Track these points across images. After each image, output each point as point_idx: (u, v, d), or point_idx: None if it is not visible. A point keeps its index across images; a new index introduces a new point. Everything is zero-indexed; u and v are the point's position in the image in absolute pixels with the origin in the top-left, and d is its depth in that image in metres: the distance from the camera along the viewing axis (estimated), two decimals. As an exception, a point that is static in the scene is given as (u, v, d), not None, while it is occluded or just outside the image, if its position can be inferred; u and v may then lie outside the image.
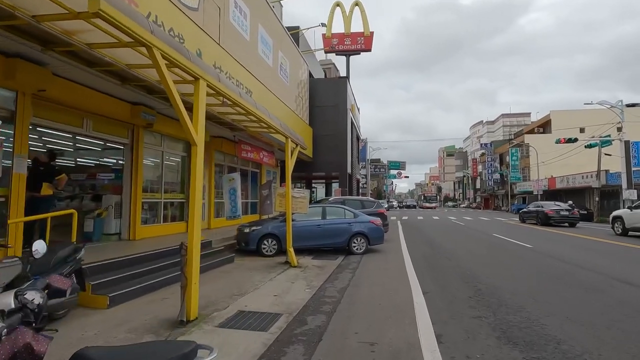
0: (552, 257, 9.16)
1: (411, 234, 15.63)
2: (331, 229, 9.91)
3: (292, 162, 8.95)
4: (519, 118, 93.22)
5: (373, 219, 10.47)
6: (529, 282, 6.44)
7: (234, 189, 10.88)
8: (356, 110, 26.79)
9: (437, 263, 8.46)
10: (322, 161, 20.03)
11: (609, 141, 25.28)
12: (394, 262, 8.66)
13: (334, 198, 13.46)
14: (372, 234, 10.17)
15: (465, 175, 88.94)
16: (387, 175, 66.77)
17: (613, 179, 28.22)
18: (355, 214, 10.34)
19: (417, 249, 10.78)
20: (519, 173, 49.08)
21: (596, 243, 12.34)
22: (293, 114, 16.27)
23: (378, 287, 6.19)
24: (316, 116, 20.34)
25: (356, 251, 9.98)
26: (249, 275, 7.12)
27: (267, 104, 11.13)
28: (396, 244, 11.95)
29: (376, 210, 12.87)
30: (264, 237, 9.45)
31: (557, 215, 19.78)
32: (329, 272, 7.62)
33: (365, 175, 45.34)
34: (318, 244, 9.84)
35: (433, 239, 13.62)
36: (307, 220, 9.89)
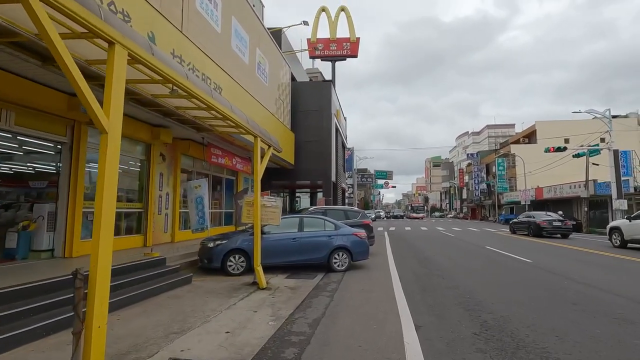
0: (558, 275, 8.12)
1: (399, 246, 14.50)
2: (309, 243, 8.69)
3: (263, 166, 7.75)
4: (503, 129, 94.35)
5: (357, 231, 9.30)
6: (544, 310, 5.32)
7: (201, 198, 9.58)
8: (342, 117, 25.83)
9: (429, 283, 7.31)
10: (305, 169, 18.87)
11: (597, 150, 24.91)
12: (380, 282, 7.46)
13: (315, 208, 12.28)
14: (355, 248, 8.98)
15: (451, 186, 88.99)
16: (374, 185, 66.02)
17: (602, 188, 27.88)
18: (336, 226, 9.15)
19: (406, 265, 9.63)
20: (506, 183, 48.89)
21: (599, 257, 11.42)
22: (272, 117, 15.13)
23: (360, 318, 4.97)
24: (299, 121, 19.25)
25: (337, 268, 8.76)
26: (203, 302, 5.81)
27: (241, 104, 9.95)
28: (383, 259, 10.77)
29: (361, 221, 11.71)
30: (230, 252, 8.15)
31: (549, 226, 18.99)
32: (302, 296, 6.37)
33: (351, 184, 44.37)
34: (294, 261, 8.59)
35: (423, 252, 12.51)
36: (282, 233, 8.65)
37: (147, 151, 9.66)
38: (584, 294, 6.20)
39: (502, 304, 5.60)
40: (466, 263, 9.96)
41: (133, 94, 6.39)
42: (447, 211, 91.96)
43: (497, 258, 10.97)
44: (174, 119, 8.28)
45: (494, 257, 11.11)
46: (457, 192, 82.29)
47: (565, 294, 6.25)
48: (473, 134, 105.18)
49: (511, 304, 5.55)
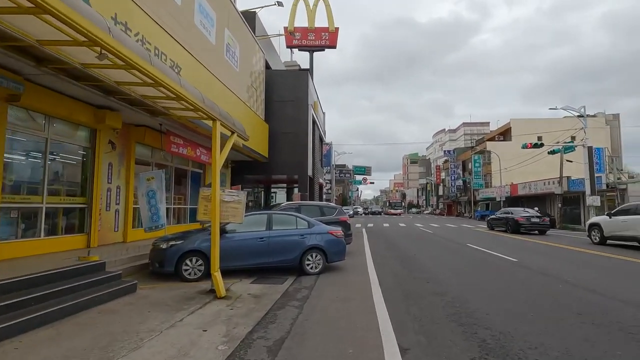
0: (550, 277, 7.49)
1: (378, 244, 13.72)
2: (279, 243, 7.70)
3: (224, 155, 6.67)
4: (478, 127, 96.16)
5: (333, 229, 8.38)
6: (547, 323, 4.56)
7: (153, 192, 8.38)
8: (320, 109, 24.86)
9: (413, 288, 6.48)
10: (280, 162, 17.81)
11: (572, 147, 25.10)
12: (358, 288, 6.57)
13: (287, 203, 11.27)
14: (331, 248, 8.07)
15: (428, 182, 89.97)
16: (352, 181, 65.60)
17: (575, 185, 28.24)
18: (310, 223, 8.20)
19: (386, 266, 8.80)
20: (481, 180, 49.46)
21: (585, 255, 11.02)
22: (244, 106, 13.97)
23: (333, 338, 4.04)
24: (274, 112, 18.13)
25: (310, 271, 7.82)
26: (142, 318, 4.72)
27: (206, 88, 8.78)
28: (361, 259, 9.92)
29: (338, 217, 10.82)
30: (187, 254, 7.04)
31: (527, 222, 18.78)
32: (266, 307, 5.39)
33: (329, 180, 43.58)
34: (261, 263, 7.58)
35: (403, 251, 11.76)
36: (247, 232, 7.61)
37: (91, 137, 8.35)
38: (586, 301, 5.52)
39: (498, 315, 4.81)
40: (450, 263, 9.25)
41: (56, 61, 5.17)
42: (423, 207, 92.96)
43: (481, 257, 10.34)
44: (118, 99, 7.05)
45: (478, 256, 10.48)
46: (433, 189, 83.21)
47: (565, 301, 5.55)
48: (449, 132, 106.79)
49: (509, 316, 4.77)
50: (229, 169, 17.03)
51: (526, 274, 7.78)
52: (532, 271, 8.05)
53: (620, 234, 12.73)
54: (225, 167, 16.69)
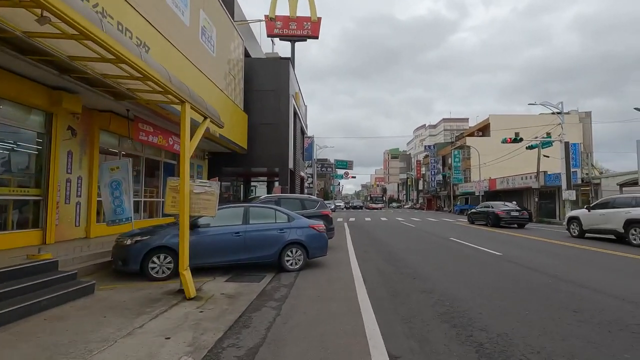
0: (538, 272, 7.28)
1: (361, 239, 13.37)
2: (256, 238, 7.16)
3: (195, 142, 6.06)
4: (458, 123, 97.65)
5: (314, 223, 7.91)
6: (545, 323, 4.25)
7: (118, 182, 7.68)
8: (301, 101, 24.24)
9: (400, 285, 6.10)
10: (260, 154, 17.16)
11: (550, 142, 25.53)
12: (341, 285, 6.14)
13: (266, 196, 10.70)
14: (312, 243, 7.60)
15: (409, 177, 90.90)
16: (334, 175, 65.34)
17: (551, 180, 28.84)
18: (290, 217, 7.69)
19: (370, 262, 8.42)
20: (461, 174, 50.15)
21: (567, 249, 11.00)
22: (221, 94, 13.24)
23: (313, 347, 3.58)
24: (253, 102, 17.42)
25: (290, 267, 7.34)
26: (96, 325, 4.13)
27: (179, 72, 8.05)
28: (344, 255, 9.51)
29: (319, 211, 10.35)
30: (154, 251, 6.41)
31: (507, 216, 18.91)
32: (241, 308, 4.87)
33: (311, 174, 43.11)
34: (237, 260, 7.03)
35: (386, 245, 11.44)
36: (222, 226, 7.04)
37: (47, 123, 7.53)
38: (580, 297, 5.27)
39: (492, 314, 4.47)
40: (435, 258, 8.96)
41: (-9, 27, 4.43)
42: (404, 202, 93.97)
43: (465, 251, 10.12)
44: (75, 78, 6.30)
45: (463, 250, 10.26)
46: (414, 183, 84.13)
47: (558, 297, 5.29)
48: (430, 127, 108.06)
49: (504, 315, 4.43)
50: (205, 161, 16.27)
51: (513, 268, 7.56)
52: (519, 265, 7.84)
53: (599, 227, 12.85)
54: (201, 159, 15.94)
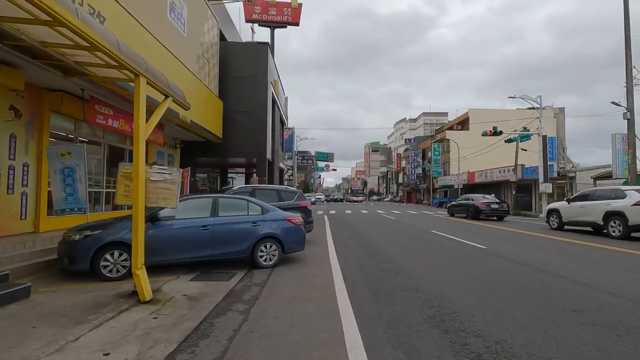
0: (526, 266, 6.95)
1: (341, 232, 12.87)
2: (226, 232, 6.48)
3: (152, 123, 5.31)
4: (437, 117, 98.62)
5: (291, 215, 7.29)
6: (545, 325, 3.82)
7: (71, 170, 6.82)
8: (281, 90, 23.39)
9: (382, 283, 5.58)
10: (236, 143, 16.32)
11: (528, 136, 25.78)
12: (319, 284, 5.57)
13: (240, 187, 9.97)
14: (288, 237, 7.00)
15: (389, 170, 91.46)
16: (314, 167, 64.77)
17: (528, 173, 29.26)
18: (264, 209, 7.05)
19: (351, 256, 7.89)
20: (440, 168, 50.58)
21: (550, 241, 10.84)
22: (193, 78, 12.33)
23: (283, 361, 2.99)
24: (229, 88, 16.51)
25: (264, 263, 6.72)
26: (20, 338, 3.40)
27: (142, 50, 7.21)
28: (323, 249, 8.96)
29: (297, 203, 9.74)
30: (107, 247, 5.64)
31: (487, 208, 18.88)
32: (203, 314, 4.23)
33: (291, 166, 42.38)
34: (204, 256, 6.34)
35: (368, 239, 10.97)
36: (188, 219, 6.32)
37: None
38: (575, 295, 4.90)
39: (485, 316, 4.01)
40: (419, 252, 8.54)
41: None
42: (384, 195, 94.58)
43: (449, 244, 9.77)
44: (10, 46, 5.38)
45: (446, 244, 9.91)
46: (394, 177, 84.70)
47: (552, 294, 4.90)
48: (410, 121, 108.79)
49: (499, 317, 3.98)
50: (177, 150, 15.31)
51: (500, 262, 7.20)
52: (505, 259, 7.50)
53: (578, 219, 12.83)
54: (173, 148, 14.98)
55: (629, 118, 17.82)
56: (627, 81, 18.01)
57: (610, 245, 9.70)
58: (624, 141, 19.53)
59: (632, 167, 17.47)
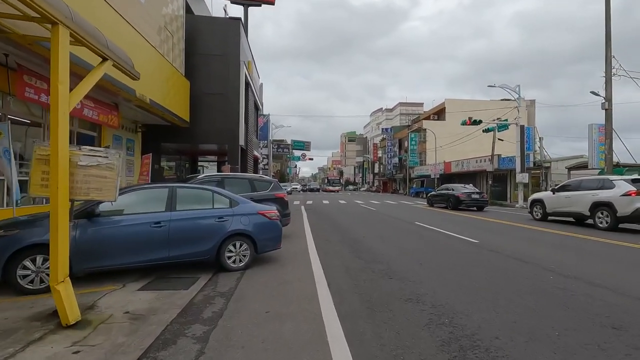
0: (530, 264, 6.25)
1: (320, 224, 11.94)
2: (185, 229, 5.36)
3: (83, 89, 4.08)
4: (413, 107, 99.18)
5: (265, 208, 6.24)
6: (597, 353, 3.00)
7: (7, 150, 5.47)
8: (255, 72, 21.93)
9: (376, 292, 4.66)
10: (205, 128, 14.94)
11: (506, 125, 25.69)
12: (298, 293, 4.59)
13: (206, 175, 8.76)
14: (261, 233, 5.95)
15: (365, 160, 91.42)
16: (290, 156, 63.44)
17: (505, 163, 29.38)
18: (233, 201, 5.95)
19: (334, 254, 6.95)
20: (417, 157, 50.59)
21: (543, 234, 10.35)
22: (154, 52, 10.86)
23: None
24: (197, 67, 15.02)
25: (233, 266, 5.67)
26: None
27: (89, 14, 5.81)
28: (301, 245, 7.97)
29: (273, 194, 8.68)
30: (25, 252, 4.40)
31: (468, 199, 18.50)
32: (144, 344, 3.16)
33: (267, 155, 40.98)
34: (157, 259, 5.20)
35: (350, 232, 10.08)
36: (137, 214, 5.14)
37: None
38: (604, 303, 4.17)
39: (515, 341, 3.16)
40: (408, 248, 7.72)
41: None
42: (360, 185, 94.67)
43: (438, 238, 9.03)
44: None
45: (435, 238, 9.17)
46: (370, 166, 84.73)
47: (579, 304, 4.14)
48: (386, 111, 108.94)
49: (531, 342, 3.13)
50: (138, 135, 13.77)
51: (499, 260, 6.48)
52: (504, 256, 6.80)
53: (563, 210, 12.50)
54: (133, 132, 13.42)
55: (607, 108, 17.79)
56: (606, 70, 17.93)
57: (601, 237, 9.30)
58: (600, 132, 19.62)
59: (609, 158, 17.50)
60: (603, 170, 18.83)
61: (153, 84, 10.87)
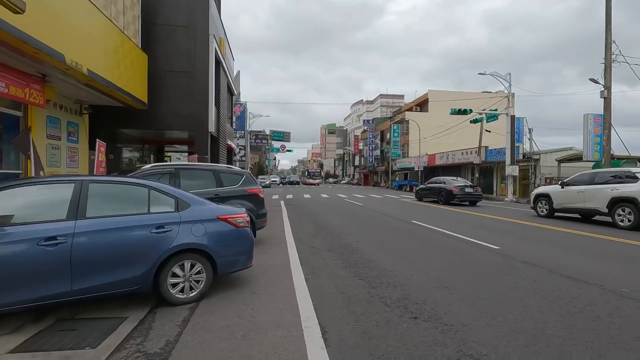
0: (583, 283, 4.73)
1: (302, 225, 10.18)
2: (98, 247, 3.46)
3: None
4: (394, 99, 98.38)
5: (229, 211, 4.38)
6: None
7: None
8: (229, 52, 19.71)
9: (400, 349, 2.95)
10: (167, 111, 12.81)
11: (496, 116, 24.60)
12: (277, 349, 2.81)
13: (154, 165, 6.69)
14: (223, 248, 4.12)
15: (345, 152, 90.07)
16: (269, 148, 61.06)
17: (492, 155, 28.44)
18: (181, 201, 4.06)
19: (324, 272, 5.18)
20: (399, 150, 49.45)
21: (564, 236, 8.99)
22: (95, 11, 8.66)
23: None
24: (158, 40, 12.82)
25: (179, 297, 3.84)
26: None
27: None
28: (281, 256, 6.17)
29: (244, 189, 6.82)
30: None
31: (461, 193, 17.16)
32: None
33: (244, 146, 38.70)
34: (51, 296, 3.28)
35: (339, 236, 8.36)
36: (12, 226, 3.20)
37: None
38: None
39: None
40: (417, 258, 6.08)
41: None
42: (340, 177, 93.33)
43: (449, 244, 7.44)
44: None
45: (445, 243, 7.58)
46: (351, 159, 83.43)
47: None
48: (367, 103, 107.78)
49: None
50: (84, 118, 11.47)
51: (549, 280, 4.90)
52: (548, 272, 5.23)
53: (574, 206, 11.25)
54: (75, 114, 11.14)
55: (605, 97, 16.78)
56: (605, 56, 16.88)
57: (629, 238, 8.00)
58: (596, 122, 18.70)
59: (607, 149, 16.53)
60: (599, 162, 17.92)
61: (94, 51, 8.70)
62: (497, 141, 33.34)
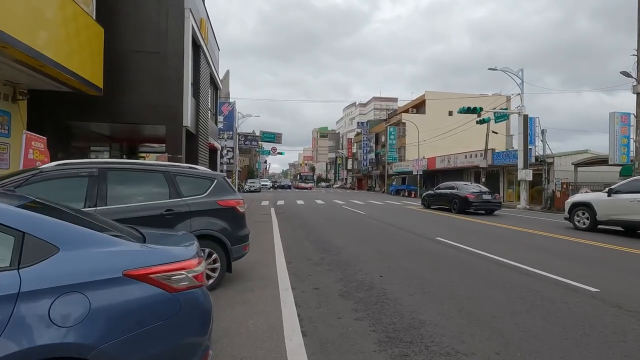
0: None
1: (298, 244, 7.89)
2: None
3: None
4: (388, 102, 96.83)
5: (160, 255, 2.06)
6: None
7: None
8: (212, 38, 17.36)
9: None
10: (131, 100, 10.46)
11: (506, 115, 22.69)
12: None
13: (58, 164, 4.33)
14: (131, 349, 1.79)
15: (338, 156, 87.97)
16: (260, 150, 58.59)
17: (499, 158, 26.51)
18: (30, 240, 1.74)
19: (341, 343, 2.90)
20: (396, 153, 47.49)
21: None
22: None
23: None
24: (118, 12, 10.47)
25: None
26: None
27: None
28: (267, 305, 3.83)
29: (215, 200, 4.50)
30: None
31: (478, 200, 15.02)
32: None
33: (232, 148, 36.21)
34: None
35: (351, 262, 6.10)
36: None
37: None
38: None
39: None
40: (484, 310, 3.85)
41: None
42: (332, 181, 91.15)
43: (516, 281, 5.20)
44: None
45: (508, 280, 5.34)
46: (343, 162, 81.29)
47: None
48: (360, 105, 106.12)
49: None
50: (20, 104, 9.01)
51: None
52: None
53: (626, 219, 9.21)
54: (7, 101, 8.70)
55: (639, 92, 14.94)
56: (638, 48, 15.06)
57: None
58: (623, 121, 16.84)
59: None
60: (629, 166, 16.04)
61: (21, 14, 6.39)
62: (497, 144, 31.61)
